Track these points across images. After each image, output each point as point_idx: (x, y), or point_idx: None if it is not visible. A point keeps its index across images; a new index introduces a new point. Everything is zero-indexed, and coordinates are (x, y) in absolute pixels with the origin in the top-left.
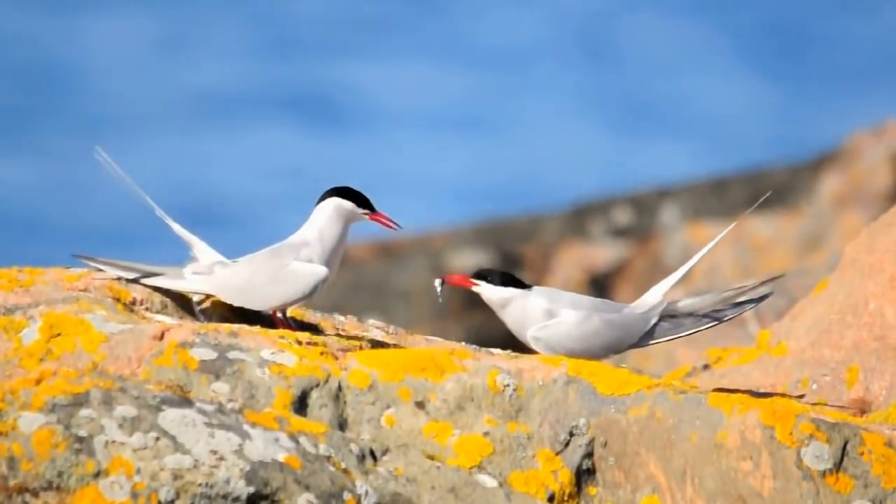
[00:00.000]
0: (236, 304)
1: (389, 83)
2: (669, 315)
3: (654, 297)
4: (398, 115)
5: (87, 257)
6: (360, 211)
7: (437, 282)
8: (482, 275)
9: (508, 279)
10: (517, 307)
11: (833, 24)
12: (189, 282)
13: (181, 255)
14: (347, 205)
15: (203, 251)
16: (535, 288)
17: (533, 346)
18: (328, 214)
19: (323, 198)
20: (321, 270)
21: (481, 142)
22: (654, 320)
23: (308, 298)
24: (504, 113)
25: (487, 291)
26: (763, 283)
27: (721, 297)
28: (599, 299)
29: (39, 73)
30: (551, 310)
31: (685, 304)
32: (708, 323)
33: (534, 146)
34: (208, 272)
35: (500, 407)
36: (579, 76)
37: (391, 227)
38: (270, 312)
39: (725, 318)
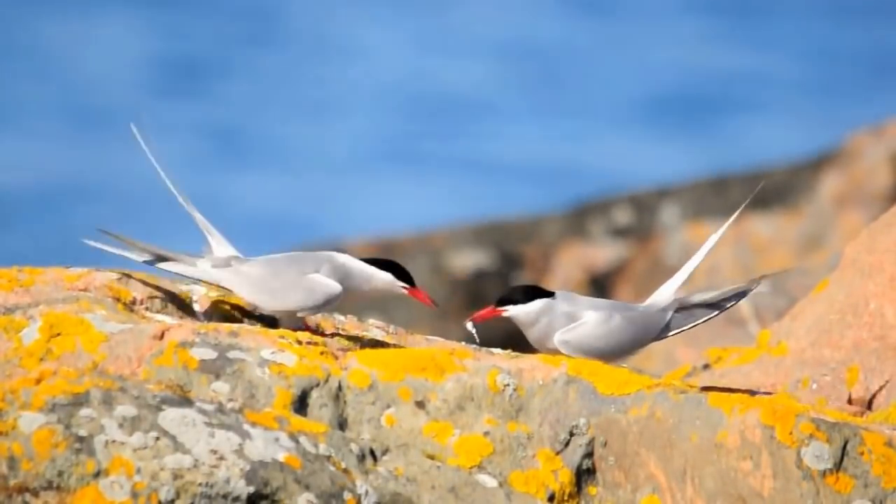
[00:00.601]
0: (247, 300)
1: None
2: (682, 309)
3: (666, 295)
4: None
5: (111, 234)
6: (399, 284)
7: (470, 325)
8: (507, 299)
9: (532, 293)
10: (545, 318)
11: (832, 23)
12: (204, 272)
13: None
14: (388, 277)
15: (219, 242)
16: (559, 293)
17: (562, 350)
18: (367, 272)
19: (372, 262)
20: (336, 287)
21: None
22: (668, 316)
23: (318, 311)
24: None
25: (520, 312)
26: (763, 277)
27: (726, 295)
28: (615, 301)
29: None
30: (572, 313)
31: (694, 300)
32: (711, 314)
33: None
34: (225, 265)
35: (500, 407)
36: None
37: (430, 306)
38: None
39: (726, 307)
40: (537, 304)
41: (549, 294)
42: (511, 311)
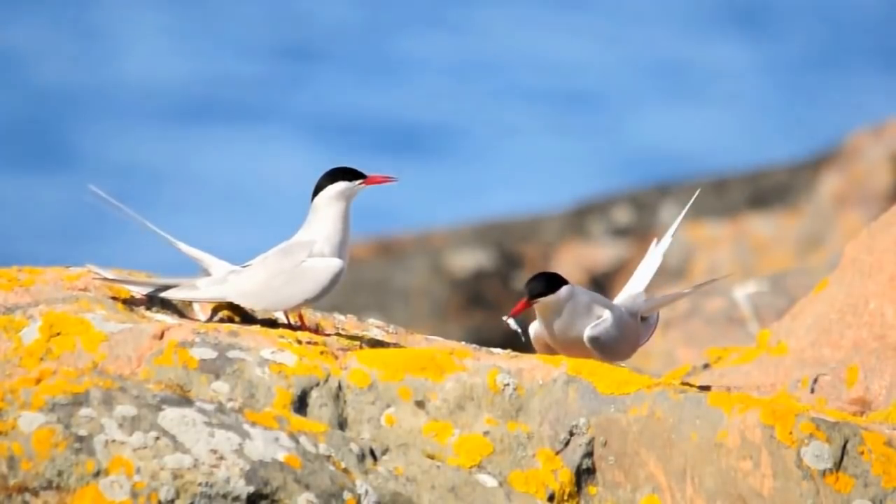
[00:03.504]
0: (257, 308)
1: None
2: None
3: (636, 294)
4: None
5: (102, 277)
6: (356, 183)
7: (513, 322)
8: (536, 292)
9: (556, 279)
10: (570, 305)
11: (834, 21)
12: (206, 291)
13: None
14: (341, 185)
15: (214, 265)
16: (574, 286)
17: (589, 345)
18: (327, 201)
19: (317, 187)
20: (337, 263)
21: None
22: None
23: (328, 293)
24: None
25: (551, 301)
26: (714, 280)
27: (684, 294)
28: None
29: None
30: (591, 306)
31: (656, 300)
32: (655, 323)
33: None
34: (223, 280)
35: (500, 406)
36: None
37: (390, 181)
38: (287, 314)
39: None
40: (564, 291)
41: (566, 283)
42: (542, 301)
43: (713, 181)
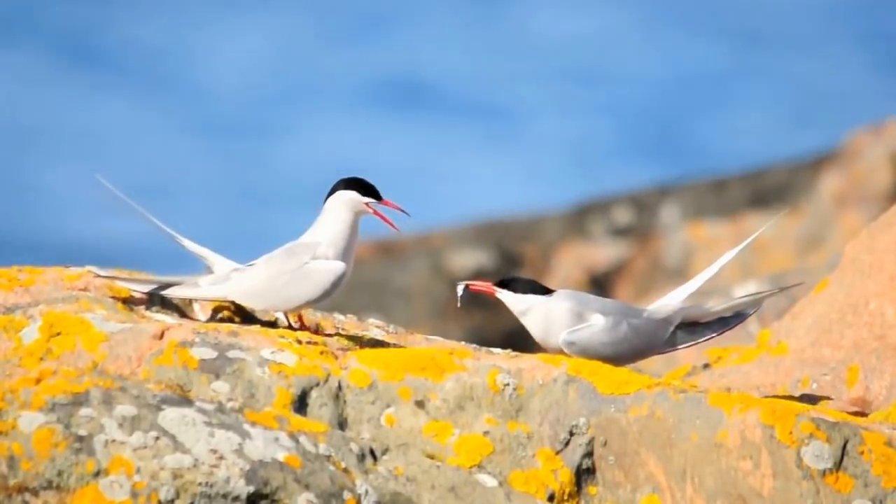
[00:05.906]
0: (258, 308)
1: None
2: (686, 322)
3: (673, 301)
4: None
5: (104, 276)
6: (368, 200)
7: (460, 287)
8: (504, 283)
9: (529, 286)
10: (538, 314)
11: (836, 22)
12: (208, 290)
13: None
14: (351, 195)
15: (217, 262)
16: (560, 291)
17: (566, 350)
18: (334, 206)
19: (332, 191)
20: (339, 266)
21: None
22: (672, 326)
23: (329, 296)
24: None
25: (508, 298)
26: (774, 292)
27: (734, 305)
28: (622, 302)
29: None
30: (581, 313)
31: (698, 309)
32: (718, 330)
33: None
34: (226, 279)
35: (500, 406)
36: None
37: (391, 225)
38: (287, 314)
39: (732, 324)
40: (525, 301)
41: (548, 292)
42: (501, 294)
43: (713, 181)
